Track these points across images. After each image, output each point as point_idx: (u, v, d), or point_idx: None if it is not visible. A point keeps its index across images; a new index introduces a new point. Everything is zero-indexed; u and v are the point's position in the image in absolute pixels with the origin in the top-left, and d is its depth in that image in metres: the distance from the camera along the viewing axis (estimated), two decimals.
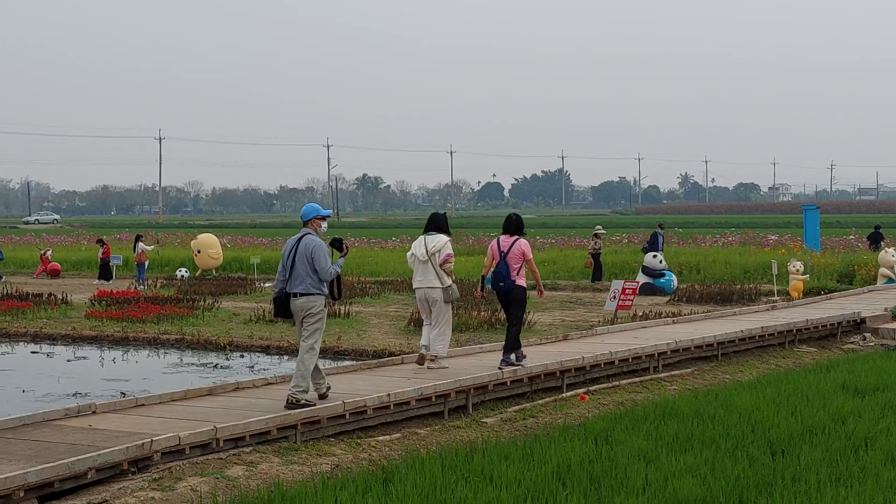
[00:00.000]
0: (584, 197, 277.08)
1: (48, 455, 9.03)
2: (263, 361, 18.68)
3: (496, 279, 13.77)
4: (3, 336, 22.21)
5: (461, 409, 12.47)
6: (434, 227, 14.14)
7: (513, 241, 13.77)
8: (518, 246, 13.74)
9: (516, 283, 13.72)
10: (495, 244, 13.92)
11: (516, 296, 13.79)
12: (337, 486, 8.46)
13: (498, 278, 13.74)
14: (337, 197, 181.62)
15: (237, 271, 38.97)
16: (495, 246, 13.90)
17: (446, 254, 13.91)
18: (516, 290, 13.76)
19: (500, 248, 13.79)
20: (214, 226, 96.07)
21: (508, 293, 13.78)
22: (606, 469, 8.97)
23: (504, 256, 13.71)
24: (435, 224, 14.18)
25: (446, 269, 13.93)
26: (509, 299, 13.84)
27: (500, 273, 13.70)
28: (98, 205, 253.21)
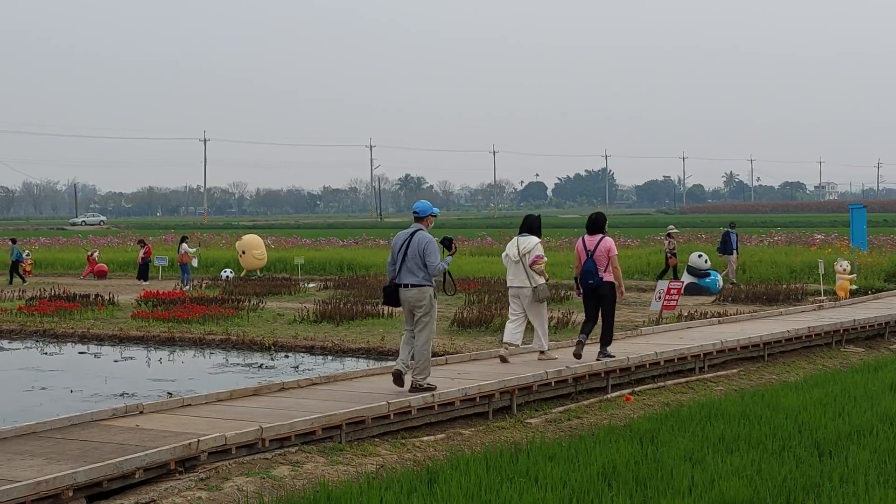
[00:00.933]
0: (627, 196, 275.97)
1: (96, 455, 9.12)
2: (308, 361, 18.75)
3: (585, 277, 14.33)
4: (52, 336, 22.45)
5: (505, 409, 12.46)
6: (527, 229, 14.71)
7: (598, 240, 14.30)
8: (604, 244, 14.27)
9: (604, 279, 14.26)
10: (581, 244, 14.49)
11: (605, 292, 14.34)
12: (382, 486, 8.47)
13: (587, 276, 14.29)
14: (379, 197, 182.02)
15: (281, 272, 39.16)
16: (581, 245, 14.48)
17: (536, 255, 14.42)
18: (605, 287, 14.30)
19: (587, 247, 14.36)
20: (259, 227, 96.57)
21: (597, 290, 14.33)
22: (652, 470, 8.93)
23: (591, 255, 14.28)
24: (528, 225, 14.77)
25: (536, 270, 14.44)
26: (599, 296, 14.38)
27: (589, 271, 14.26)
28: (144, 206, 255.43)
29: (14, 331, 23.10)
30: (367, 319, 22.44)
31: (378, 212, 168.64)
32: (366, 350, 19.13)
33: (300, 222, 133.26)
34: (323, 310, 23.36)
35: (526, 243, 14.50)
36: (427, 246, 12.01)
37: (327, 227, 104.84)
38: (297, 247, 49.85)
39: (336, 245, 51.79)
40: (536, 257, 14.42)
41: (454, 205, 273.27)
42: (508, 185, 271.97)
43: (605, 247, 14.26)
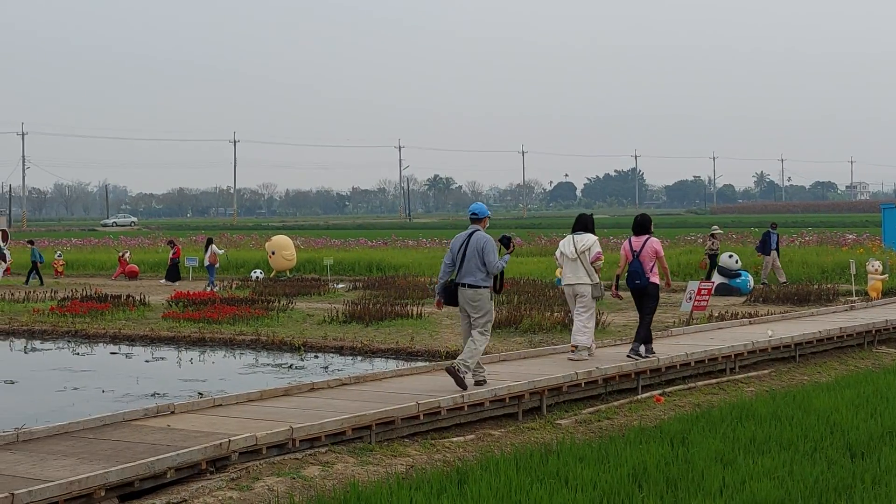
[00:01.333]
0: (657, 196, 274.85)
1: (128, 455, 9.17)
2: (337, 362, 18.79)
3: (632, 277, 14.71)
4: (83, 337, 22.60)
5: (535, 410, 12.45)
6: (581, 227, 15.01)
7: (644, 241, 14.71)
8: (650, 245, 14.69)
9: (650, 280, 14.64)
10: (627, 245, 14.87)
11: (651, 292, 14.75)
12: (412, 486, 8.48)
13: (633, 276, 14.69)
14: (408, 198, 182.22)
15: (310, 272, 39.25)
16: (627, 246, 14.86)
17: (596, 251, 14.79)
18: (651, 287, 14.70)
19: (633, 247, 14.76)
20: (288, 227, 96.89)
21: (643, 290, 14.71)
22: (683, 471, 8.89)
23: (637, 255, 14.67)
24: (582, 224, 15.06)
25: (596, 266, 14.81)
26: (644, 295, 14.76)
27: (636, 271, 14.66)
28: (174, 207, 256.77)
29: (46, 331, 23.28)
30: (397, 320, 22.46)
31: (407, 212, 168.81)
32: (395, 351, 19.15)
33: (329, 223, 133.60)
34: (352, 310, 23.41)
35: (584, 241, 14.80)
36: (486, 245, 12.40)
37: (356, 227, 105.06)
38: (327, 247, 49.97)
39: (365, 246, 51.89)
40: (598, 254, 14.80)
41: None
42: (537, 186, 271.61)
43: (652, 248, 14.66)
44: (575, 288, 14.87)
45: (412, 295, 27.69)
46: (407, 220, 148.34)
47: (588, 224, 15.08)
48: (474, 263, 12.40)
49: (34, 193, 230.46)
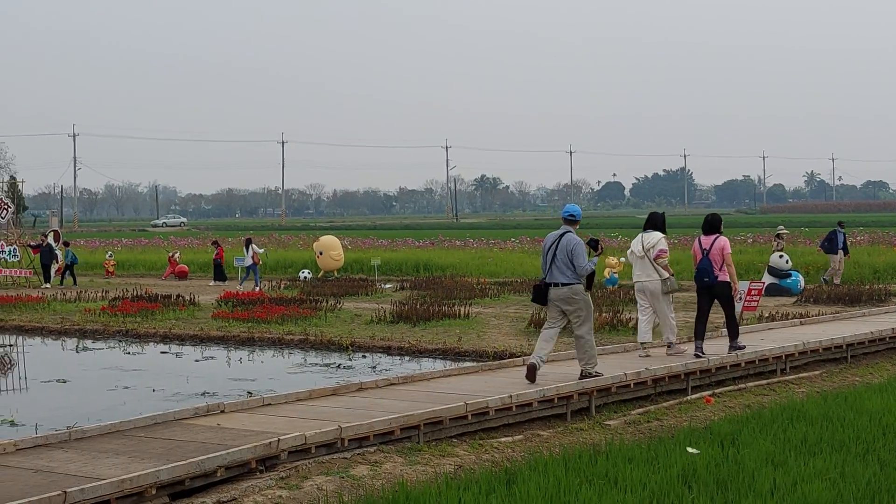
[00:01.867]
0: (706, 196, 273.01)
1: (179, 453, 9.24)
2: (385, 362, 18.82)
3: (701, 275, 15.04)
4: (134, 337, 22.80)
5: (584, 411, 12.41)
6: (651, 226, 15.32)
7: (713, 239, 14.99)
8: (718, 243, 14.95)
9: (719, 278, 14.90)
10: (697, 244, 15.19)
11: (721, 290, 15.02)
12: (460, 486, 8.47)
13: (703, 274, 15.01)
14: (455, 198, 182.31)
15: (358, 272, 39.37)
16: (697, 245, 15.18)
17: (660, 249, 15.06)
18: (720, 286, 14.95)
19: (702, 246, 15.06)
20: (335, 227, 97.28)
21: (712, 288, 15.00)
22: (733, 472, 8.82)
23: (707, 254, 14.98)
24: (652, 222, 15.37)
25: (660, 264, 15.06)
26: (714, 294, 15.08)
27: (705, 269, 14.98)
28: (223, 207, 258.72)
29: (98, 331, 23.51)
30: (444, 320, 22.46)
31: (454, 212, 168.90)
32: (442, 351, 19.16)
33: (376, 223, 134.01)
34: (400, 310, 23.44)
35: (650, 239, 15.11)
36: (575, 248, 12.81)
37: (403, 227, 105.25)
38: (374, 248, 50.11)
39: (412, 246, 51.98)
40: (660, 251, 15.03)
41: (530, 205, 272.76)
42: (585, 186, 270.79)
43: (720, 246, 14.92)
44: (645, 285, 15.21)
45: (459, 295, 27.69)
46: (454, 220, 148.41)
47: (658, 222, 15.38)
48: (564, 263, 12.80)
49: (85, 194, 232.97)
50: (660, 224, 15.35)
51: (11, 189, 54.30)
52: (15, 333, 24.35)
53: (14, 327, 24.79)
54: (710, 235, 15.08)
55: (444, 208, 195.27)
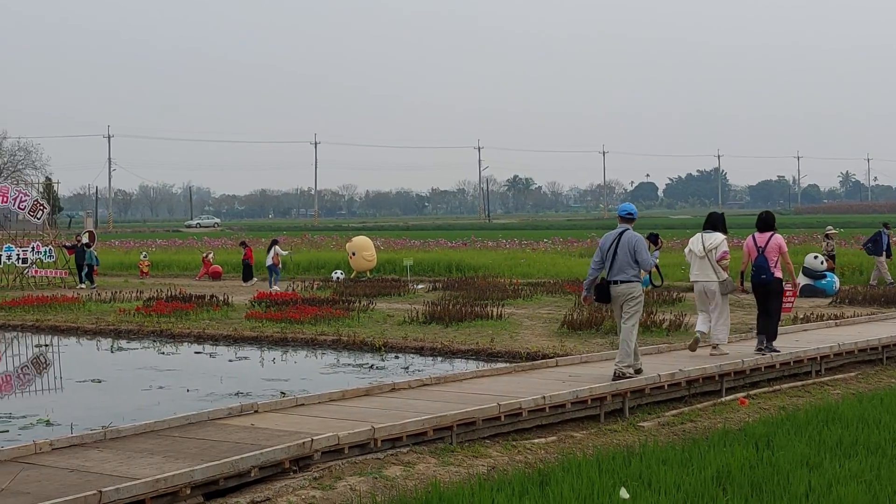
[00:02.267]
0: (740, 197, 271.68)
1: (213, 453, 9.28)
2: (418, 362, 18.83)
3: (757, 272, 15.25)
4: (168, 337, 22.92)
5: (617, 412, 12.37)
6: (711, 226, 15.47)
7: (769, 237, 15.27)
8: (774, 241, 15.25)
9: (774, 275, 15.18)
10: (751, 241, 15.44)
11: (775, 287, 15.30)
12: (493, 487, 8.46)
13: (759, 272, 15.23)
14: (488, 199, 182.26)
15: (390, 273, 39.41)
16: (751, 243, 15.43)
17: (723, 251, 15.19)
18: (775, 283, 15.24)
19: (757, 243, 15.33)
20: (368, 228, 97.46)
21: (768, 285, 15.24)
22: (768, 475, 8.77)
23: (762, 251, 15.25)
24: (712, 223, 15.54)
25: (722, 265, 15.21)
26: (768, 291, 15.29)
27: (761, 266, 15.21)
28: (256, 208, 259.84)
29: (132, 331, 23.65)
30: (477, 321, 22.44)
31: (486, 213, 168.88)
32: (475, 351, 19.14)
33: (409, 224, 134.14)
34: (432, 311, 23.45)
35: (712, 239, 15.23)
36: (637, 244, 13.08)
37: (435, 228, 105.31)
38: (406, 248, 50.18)
39: (444, 246, 52.00)
40: (724, 252, 15.18)
41: (563, 206, 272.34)
42: (618, 186, 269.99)
43: (776, 243, 15.21)
44: (703, 285, 15.33)
45: (492, 296, 27.67)
46: (486, 220, 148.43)
47: (718, 223, 15.49)
48: (626, 261, 13.05)
49: (120, 195, 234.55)
50: (720, 224, 15.48)
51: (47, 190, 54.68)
52: (50, 333, 24.54)
53: (50, 327, 24.98)
54: (764, 233, 15.29)
55: (477, 209, 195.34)
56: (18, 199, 38.75)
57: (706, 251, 15.19)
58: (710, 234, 15.32)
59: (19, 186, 41.30)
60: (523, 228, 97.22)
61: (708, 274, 15.23)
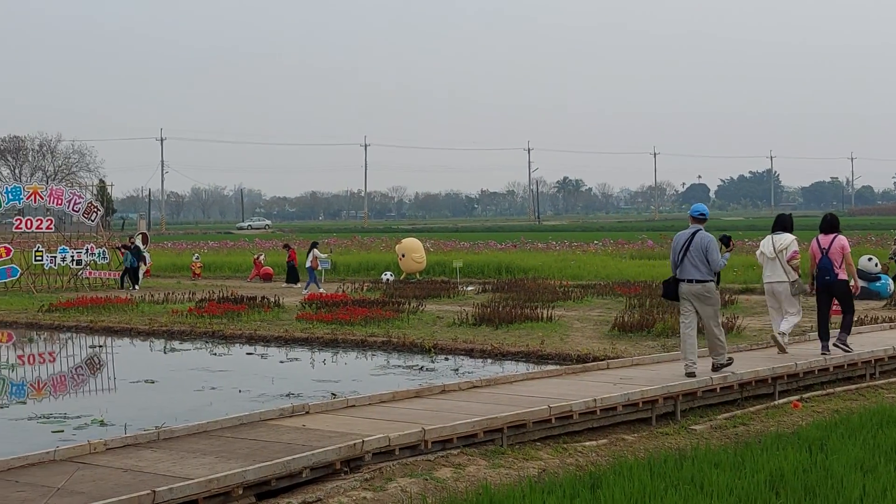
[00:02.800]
0: (793, 198, 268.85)
1: (265, 454, 9.34)
2: (467, 364, 18.83)
3: (822, 274, 15.40)
4: (220, 338, 23.10)
5: (669, 415, 12.30)
6: (780, 227, 15.86)
7: (832, 238, 15.40)
8: (838, 242, 15.38)
9: (839, 276, 15.30)
10: (815, 243, 15.56)
11: (841, 289, 15.43)
12: (544, 490, 8.44)
13: (823, 273, 15.37)
14: (537, 200, 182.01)
15: (440, 275, 39.43)
16: (816, 245, 15.56)
17: (793, 251, 15.56)
18: (840, 284, 15.37)
19: (821, 245, 15.46)
20: (417, 230, 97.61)
21: (832, 286, 15.40)
22: (821, 478, 8.68)
23: (826, 253, 15.37)
24: (781, 224, 15.93)
25: (793, 265, 15.56)
26: (834, 292, 15.47)
27: (825, 268, 15.35)
28: (306, 210, 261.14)
29: (185, 332, 23.85)
30: (526, 323, 22.41)
31: (536, 214, 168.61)
32: (525, 354, 19.12)
33: (458, 225, 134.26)
34: (482, 313, 23.44)
35: (782, 240, 15.60)
36: (709, 244, 13.49)
37: (485, 230, 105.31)
38: (456, 250, 50.20)
39: (494, 248, 51.98)
40: (793, 253, 15.53)
41: (613, 207, 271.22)
42: (669, 188, 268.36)
43: (839, 245, 15.34)
44: (773, 286, 15.68)
45: (542, 298, 27.60)
46: (536, 222, 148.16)
47: (787, 224, 15.89)
48: (698, 260, 13.44)
49: (172, 197, 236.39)
50: (788, 226, 15.85)
51: (101, 192, 55.32)
52: (104, 334, 24.81)
53: (103, 328, 25.27)
54: (828, 235, 15.43)
55: (526, 210, 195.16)
56: (73, 202, 39.24)
57: (776, 252, 15.55)
58: (780, 235, 15.67)
59: (74, 189, 41.83)
60: (573, 230, 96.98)
61: (779, 274, 15.58)
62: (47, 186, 41.53)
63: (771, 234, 15.87)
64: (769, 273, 15.75)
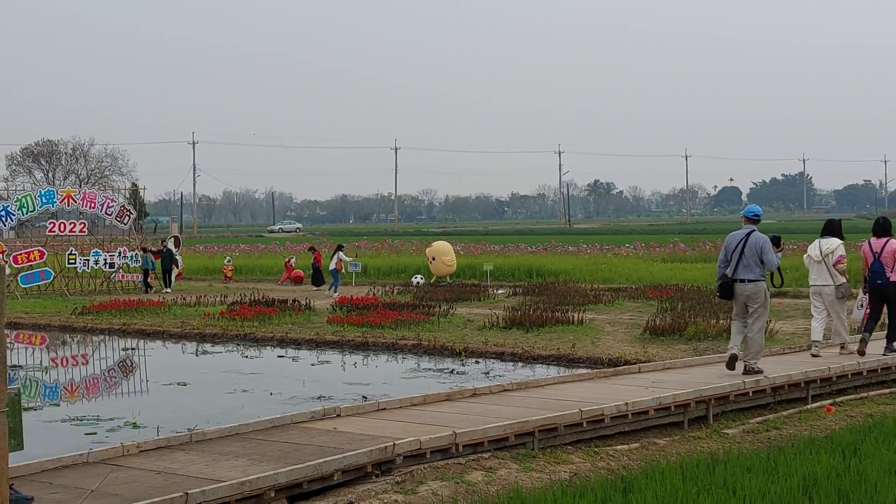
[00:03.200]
0: (826, 201, 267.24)
1: (296, 456, 9.36)
2: (498, 368, 18.81)
3: (874, 277, 15.66)
4: (252, 340, 23.19)
5: (701, 419, 12.24)
6: (829, 232, 16.08)
7: (885, 242, 15.59)
8: (890, 245, 15.54)
9: (890, 279, 15.47)
10: (867, 247, 15.84)
11: (892, 291, 15.53)
12: (576, 494, 8.42)
13: (875, 276, 15.63)
14: (568, 203, 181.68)
15: (470, 278, 39.41)
16: (868, 248, 15.82)
17: (839, 255, 15.75)
18: (892, 286, 15.49)
19: (873, 249, 15.69)
20: (448, 233, 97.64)
21: (885, 289, 15.55)
22: (855, 483, 8.62)
23: (878, 256, 15.60)
24: (829, 229, 16.15)
25: (839, 269, 15.75)
26: (886, 294, 15.59)
27: (877, 271, 15.59)
28: (337, 213, 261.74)
29: (217, 335, 23.96)
30: (557, 326, 22.37)
31: (566, 218, 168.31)
32: (556, 357, 19.08)
33: (488, 229, 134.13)
34: (512, 316, 23.41)
35: (829, 244, 15.80)
36: (764, 245, 13.72)
37: (515, 233, 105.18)
38: (486, 253, 50.17)
39: (524, 251, 51.89)
40: (840, 257, 15.71)
41: (644, 210, 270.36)
42: (701, 190, 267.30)
43: (891, 248, 15.49)
44: (822, 289, 15.89)
45: (573, 301, 27.53)
46: (566, 225, 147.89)
47: (835, 228, 16.11)
48: (753, 260, 13.66)
49: (204, 201, 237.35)
50: (836, 230, 16.04)
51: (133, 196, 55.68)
52: (137, 337, 24.96)
53: (136, 331, 25.42)
54: (881, 238, 15.64)
55: (557, 213, 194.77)
56: (105, 205, 39.52)
57: (823, 256, 15.77)
58: (827, 239, 15.88)
59: (106, 192, 42.11)
60: (604, 233, 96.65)
61: (825, 278, 15.81)
62: (80, 190, 41.81)
63: (819, 238, 16.10)
64: (815, 276, 15.98)
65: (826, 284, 15.82)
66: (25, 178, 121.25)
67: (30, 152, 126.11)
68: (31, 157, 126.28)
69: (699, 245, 50.21)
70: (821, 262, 15.86)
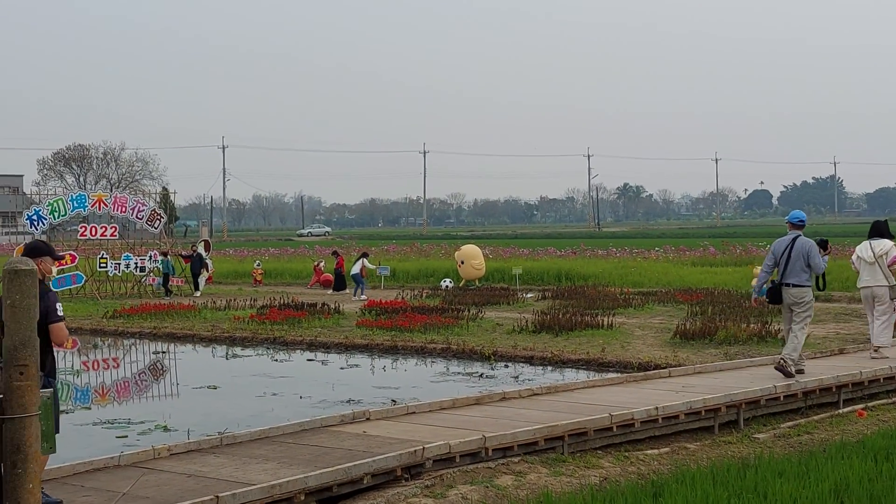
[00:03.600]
0: (857, 204, 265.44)
1: (326, 460, 9.38)
2: (527, 372, 18.79)
3: None
4: (281, 344, 23.25)
5: (732, 423, 12.19)
6: (877, 233, 16.32)
7: None
8: None
9: None
10: None
11: None
12: (606, 498, 8.40)
13: None
14: (597, 207, 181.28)
15: (499, 282, 39.35)
16: None
17: (893, 255, 15.96)
18: None
19: None
20: (476, 237, 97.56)
21: None
22: (887, 488, 8.55)
23: None
24: (878, 230, 16.41)
25: (894, 270, 15.94)
26: None
27: None
28: (366, 217, 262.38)
29: (247, 338, 24.05)
30: (587, 330, 22.31)
31: (596, 221, 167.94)
32: (586, 361, 19.03)
33: (517, 232, 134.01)
34: (542, 320, 23.37)
35: (881, 245, 16.02)
36: (811, 249, 14.02)
37: (544, 237, 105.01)
38: (515, 257, 50.07)
39: (553, 255, 51.76)
40: (894, 258, 15.89)
41: (674, 214, 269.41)
42: (731, 194, 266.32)
43: None
44: (873, 290, 16.08)
45: (602, 305, 27.45)
46: (596, 229, 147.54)
47: (883, 230, 16.36)
48: (799, 265, 13.94)
49: (234, 205, 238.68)
50: (885, 231, 16.31)
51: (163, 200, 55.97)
52: (167, 341, 25.08)
53: (167, 334, 25.55)
54: None
55: (586, 217, 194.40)
56: (136, 209, 39.74)
57: (876, 257, 15.94)
58: (877, 240, 16.10)
59: (137, 196, 42.37)
60: (634, 237, 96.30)
61: (878, 279, 15.97)
62: (111, 194, 42.05)
63: (868, 239, 16.24)
64: (867, 277, 16.10)
65: (879, 285, 15.95)
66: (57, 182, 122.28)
67: (61, 157, 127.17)
68: (62, 162, 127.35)
69: (729, 249, 49.90)
70: (874, 263, 15.99)
